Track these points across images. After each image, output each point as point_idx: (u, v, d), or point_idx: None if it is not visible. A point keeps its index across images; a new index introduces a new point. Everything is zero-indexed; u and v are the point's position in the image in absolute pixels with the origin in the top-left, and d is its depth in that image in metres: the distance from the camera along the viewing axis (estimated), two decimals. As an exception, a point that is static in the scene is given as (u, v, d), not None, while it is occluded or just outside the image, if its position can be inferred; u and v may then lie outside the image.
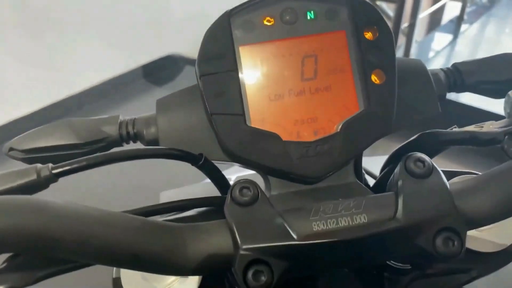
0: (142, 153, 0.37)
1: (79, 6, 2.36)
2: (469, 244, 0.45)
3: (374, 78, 0.39)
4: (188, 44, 2.79)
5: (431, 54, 2.94)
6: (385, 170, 0.47)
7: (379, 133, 0.39)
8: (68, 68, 2.43)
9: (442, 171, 0.40)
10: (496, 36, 3.39)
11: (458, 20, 3.21)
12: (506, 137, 0.39)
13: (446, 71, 0.46)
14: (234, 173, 0.74)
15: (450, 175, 0.45)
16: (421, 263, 0.44)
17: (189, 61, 2.77)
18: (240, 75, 0.38)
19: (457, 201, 0.33)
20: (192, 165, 0.40)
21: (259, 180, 0.39)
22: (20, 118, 2.35)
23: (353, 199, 0.34)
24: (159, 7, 2.73)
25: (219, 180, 0.44)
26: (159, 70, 2.86)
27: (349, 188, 0.40)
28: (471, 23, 3.38)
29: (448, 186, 0.34)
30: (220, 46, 0.38)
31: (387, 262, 0.45)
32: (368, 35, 0.39)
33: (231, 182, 0.38)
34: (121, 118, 0.44)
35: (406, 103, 0.41)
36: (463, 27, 3.24)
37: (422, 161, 0.34)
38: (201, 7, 2.64)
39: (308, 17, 0.39)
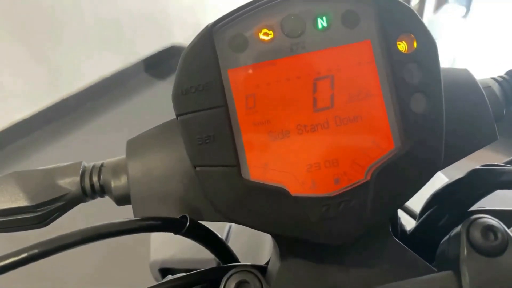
0: (96, 232, 0.27)
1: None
2: None
3: (414, 105, 0.28)
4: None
5: (443, 30, 2.79)
6: (427, 213, 0.37)
7: (423, 178, 0.28)
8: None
9: (502, 211, 0.30)
10: None
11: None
12: None
13: (501, 82, 0.35)
14: None
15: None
16: None
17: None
18: (230, 111, 0.28)
19: None
20: (175, 234, 0.30)
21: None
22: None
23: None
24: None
25: (214, 244, 0.34)
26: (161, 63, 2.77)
27: (384, 250, 0.31)
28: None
29: None
30: (201, 73, 0.28)
31: None
32: (403, 46, 0.28)
33: None
34: (84, 164, 0.34)
35: (453, 133, 0.31)
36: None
37: (494, 231, 0.24)
38: None
39: (320, 26, 0.28)
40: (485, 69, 2.29)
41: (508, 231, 0.24)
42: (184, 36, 2.80)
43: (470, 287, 0.23)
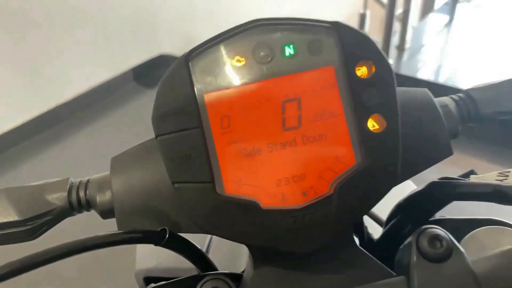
0: (82, 245, 0.29)
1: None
2: None
3: (371, 124, 0.31)
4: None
5: (427, 38, 2.84)
6: (392, 222, 0.39)
7: (381, 191, 0.31)
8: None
9: (460, 220, 0.33)
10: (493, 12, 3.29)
11: (453, 1, 3.10)
12: None
13: (458, 101, 0.38)
14: None
15: (470, 224, 0.38)
16: None
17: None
18: (206, 132, 0.31)
19: None
20: (155, 245, 0.33)
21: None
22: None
23: None
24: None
25: (193, 254, 0.36)
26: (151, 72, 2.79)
27: (349, 258, 0.33)
28: (468, 0, 3.27)
29: (474, 270, 0.26)
30: (178, 97, 0.30)
31: None
32: (362, 72, 0.31)
33: None
34: (71, 180, 0.37)
35: (411, 149, 0.34)
36: (459, 6, 3.14)
37: (440, 240, 0.27)
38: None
39: (287, 53, 0.31)
40: (469, 75, 2.34)
41: (454, 240, 0.27)
42: (173, 46, 2.82)
43: None
